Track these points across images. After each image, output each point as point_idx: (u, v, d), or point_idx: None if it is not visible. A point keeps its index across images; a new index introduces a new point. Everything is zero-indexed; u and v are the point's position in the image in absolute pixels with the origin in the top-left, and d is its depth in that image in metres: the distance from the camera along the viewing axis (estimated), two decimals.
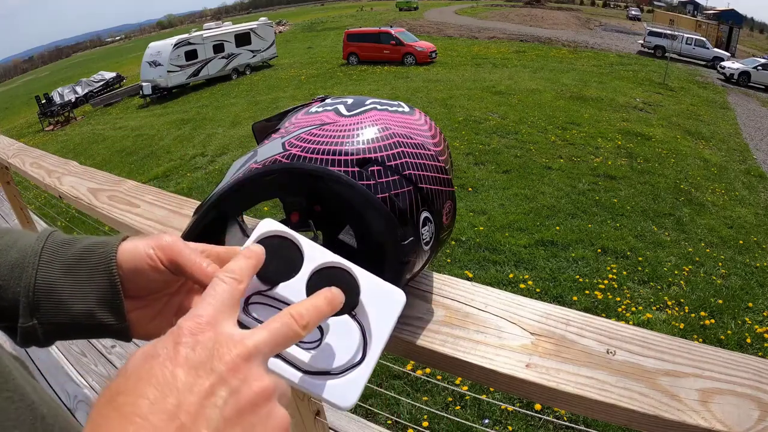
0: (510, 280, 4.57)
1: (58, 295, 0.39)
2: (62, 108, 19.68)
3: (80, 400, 1.86)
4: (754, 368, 0.45)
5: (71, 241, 0.42)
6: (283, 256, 0.39)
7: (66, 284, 0.39)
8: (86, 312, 0.39)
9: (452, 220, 0.54)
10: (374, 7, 60.44)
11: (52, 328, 0.39)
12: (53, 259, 0.40)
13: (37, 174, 1.27)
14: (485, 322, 0.54)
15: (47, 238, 0.41)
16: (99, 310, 0.39)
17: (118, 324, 0.40)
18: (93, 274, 0.39)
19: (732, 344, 3.87)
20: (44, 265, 0.39)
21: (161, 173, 8.95)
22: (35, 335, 0.39)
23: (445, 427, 2.82)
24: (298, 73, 19.38)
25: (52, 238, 0.42)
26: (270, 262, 0.39)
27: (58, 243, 0.41)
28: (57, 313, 0.39)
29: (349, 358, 0.37)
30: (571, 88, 13.26)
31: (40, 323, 0.38)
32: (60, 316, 0.39)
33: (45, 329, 0.39)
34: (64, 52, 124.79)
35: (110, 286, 0.39)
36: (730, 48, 27.75)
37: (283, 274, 0.39)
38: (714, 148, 9.65)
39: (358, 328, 0.38)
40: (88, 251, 0.40)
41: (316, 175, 0.46)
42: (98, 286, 0.39)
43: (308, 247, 0.40)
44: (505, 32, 28.24)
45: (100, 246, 0.41)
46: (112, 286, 0.39)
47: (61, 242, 0.41)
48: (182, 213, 0.84)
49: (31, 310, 0.38)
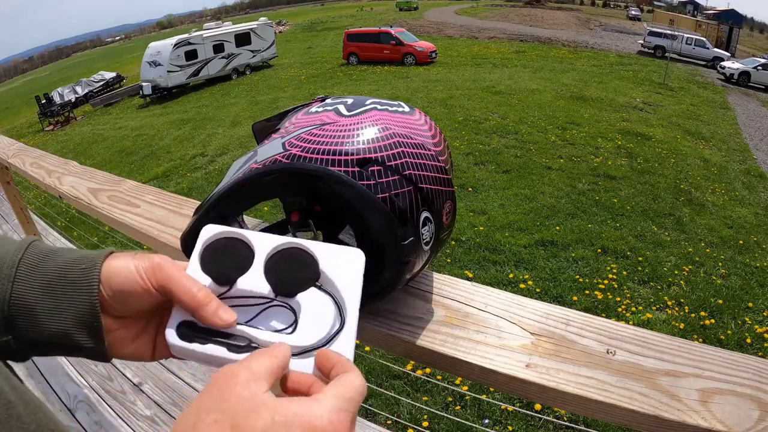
0: (510, 280, 4.57)
1: (34, 312, 0.37)
2: (62, 108, 19.69)
3: (80, 400, 1.86)
4: (754, 368, 0.45)
5: (52, 254, 0.39)
6: (233, 254, 0.40)
7: (43, 301, 0.37)
8: (63, 332, 0.37)
9: (452, 220, 0.54)
10: (374, 7, 60.44)
11: (27, 345, 0.37)
12: (31, 273, 0.38)
13: (37, 174, 1.27)
14: (485, 322, 0.54)
15: (26, 248, 0.39)
16: (76, 331, 0.37)
17: (95, 347, 0.38)
18: (72, 293, 0.37)
19: (732, 344, 3.87)
20: (21, 279, 0.37)
21: (161, 173, 8.95)
22: (10, 350, 0.37)
23: (445, 427, 2.82)
24: (298, 73, 19.38)
25: (32, 249, 0.39)
26: (221, 263, 0.40)
27: (37, 255, 0.39)
28: (32, 330, 0.37)
29: (329, 328, 0.37)
30: (571, 88, 13.26)
31: (15, 339, 0.37)
32: (35, 333, 0.37)
33: (19, 345, 0.37)
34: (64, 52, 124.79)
35: (89, 307, 0.37)
36: (730, 48, 27.75)
37: (238, 269, 0.39)
38: (714, 148, 9.65)
39: (329, 298, 0.38)
40: (69, 267, 0.38)
41: (316, 175, 0.46)
42: (77, 306, 0.37)
43: (254, 238, 0.40)
44: (505, 32, 28.24)
45: (81, 262, 0.39)
46: (91, 307, 0.37)
47: (41, 254, 0.39)
48: (182, 213, 0.84)
49: (6, 325, 0.36)
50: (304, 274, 0.39)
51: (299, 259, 0.39)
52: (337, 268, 0.39)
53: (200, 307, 0.37)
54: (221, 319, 0.37)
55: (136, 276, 0.38)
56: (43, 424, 0.35)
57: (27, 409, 0.34)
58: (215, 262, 0.40)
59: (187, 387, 1.92)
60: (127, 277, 0.38)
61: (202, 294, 0.37)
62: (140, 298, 0.38)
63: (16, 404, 0.34)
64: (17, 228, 3.19)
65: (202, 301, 0.37)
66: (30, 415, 0.34)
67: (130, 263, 0.39)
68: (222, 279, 0.39)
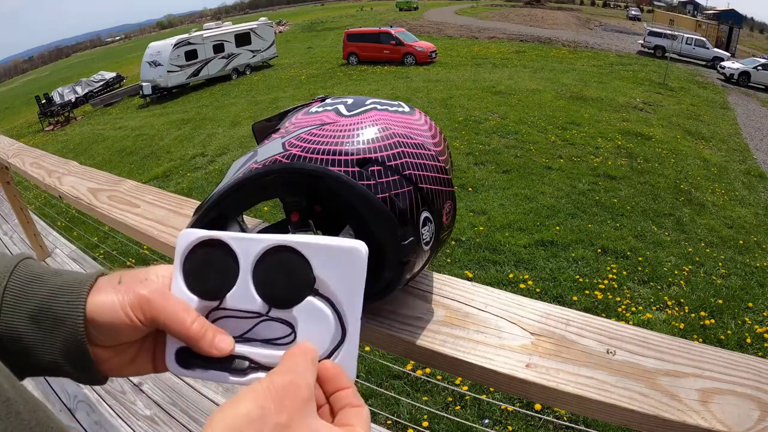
0: (510, 280, 4.57)
1: (23, 343, 0.36)
2: (62, 108, 19.69)
3: (80, 400, 1.86)
4: (754, 368, 0.45)
5: (39, 279, 0.38)
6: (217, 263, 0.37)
7: (31, 332, 0.36)
8: (53, 363, 0.37)
9: (452, 220, 0.54)
10: (374, 7, 60.45)
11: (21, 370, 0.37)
12: (17, 304, 0.37)
13: (37, 174, 1.27)
14: (485, 322, 0.54)
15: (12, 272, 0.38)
16: (65, 363, 0.37)
17: (86, 376, 0.38)
18: (58, 327, 0.37)
19: (732, 344, 3.87)
20: (8, 309, 0.36)
21: (161, 173, 8.95)
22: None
23: (445, 427, 2.82)
24: (298, 73, 19.38)
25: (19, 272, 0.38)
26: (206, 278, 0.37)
27: (24, 280, 0.38)
28: (24, 359, 0.37)
29: (330, 340, 0.35)
30: (571, 88, 13.26)
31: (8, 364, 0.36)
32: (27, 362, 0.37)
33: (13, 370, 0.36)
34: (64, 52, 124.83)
35: (76, 343, 0.36)
36: (730, 48, 27.74)
37: (225, 282, 0.36)
38: (714, 148, 9.65)
39: (327, 305, 0.35)
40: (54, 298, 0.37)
41: (316, 175, 0.46)
42: (65, 339, 0.36)
43: (237, 241, 0.36)
44: (505, 32, 28.24)
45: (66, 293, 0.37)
46: (78, 344, 0.36)
47: (28, 278, 0.38)
48: (182, 213, 0.84)
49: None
50: (297, 281, 0.35)
51: (290, 264, 0.35)
52: (335, 268, 0.35)
53: (196, 340, 0.36)
54: (218, 349, 0.36)
55: (121, 314, 0.37)
56: (43, 422, 0.35)
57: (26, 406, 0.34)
58: (199, 276, 0.37)
59: (187, 387, 1.92)
60: (111, 315, 0.37)
61: (197, 326, 0.36)
62: (128, 333, 0.37)
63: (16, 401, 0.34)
64: (17, 228, 3.19)
65: (197, 334, 0.36)
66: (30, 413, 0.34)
67: (114, 299, 0.37)
68: (209, 295, 0.37)
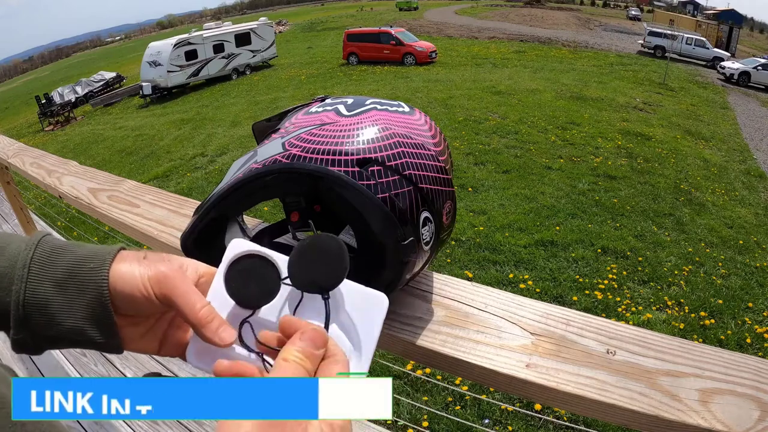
0: (510, 280, 4.57)
1: (48, 309, 0.38)
2: (62, 108, 19.70)
3: None
4: (754, 368, 0.45)
5: (62, 249, 0.40)
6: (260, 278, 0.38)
7: (56, 300, 0.38)
8: (77, 328, 0.38)
9: (452, 220, 0.54)
10: (374, 7, 60.42)
11: (43, 340, 0.38)
12: (43, 272, 0.38)
13: (37, 174, 1.27)
14: (485, 322, 0.54)
15: (36, 246, 0.39)
16: (89, 327, 0.38)
17: (108, 341, 0.39)
18: (83, 292, 0.38)
19: (732, 344, 3.87)
20: (33, 278, 0.38)
21: (161, 173, 8.95)
22: (27, 345, 0.38)
23: (445, 427, 2.82)
24: (298, 73, 19.38)
25: (42, 245, 0.40)
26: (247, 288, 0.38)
27: (48, 252, 0.39)
28: (48, 326, 0.38)
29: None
30: (571, 88, 13.25)
31: (31, 335, 0.38)
32: (51, 330, 0.38)
33: (36, 341, 0.38)
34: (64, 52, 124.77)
35: (101, 306, 0.38)
36: (730, 48, 27.73)
37: (263, 296, 0.38)
38: (714, 148, 9.66)
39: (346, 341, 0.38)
40: (79, 265, 0.39)
41: (316, 175, 0.46)
42: (89, 304, 0.38)
43: (283, 264, 0.39)
44: (505, 32, 28.23)
45: (90, 260, 0.39)
46: (102, 307, 0.38)
47: (51, 250, 0.40)
48: (182, 213, 0.84)
49: (21, 322, 0.37)
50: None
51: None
52: (360, 311, 0.38)
53: (201, 325, 0.37)
54: (220, 339, 0.37)
55: (139, 284, 0.38)
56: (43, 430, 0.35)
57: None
58: (241, 284, 0.38)
59: None
60: (131, 284, 0.38)
61: (204, 312, 0.37)
62: (144, 305, 0.39)
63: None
64: (17, 228, 3.19)
65: (204, 319, 0.37)
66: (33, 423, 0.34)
67: (136, 269, 0.39)
68: (245, 304, 0.38)
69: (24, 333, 0.37)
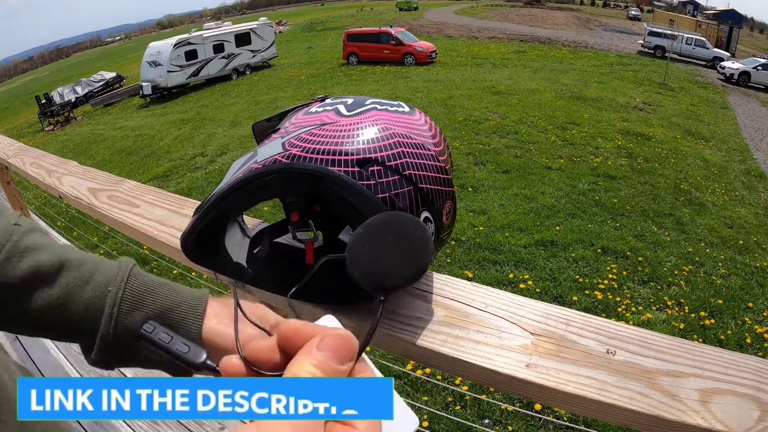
0: (510, 280, 4.57)
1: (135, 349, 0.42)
2: (62, 108, 19.70)
3: None
4: (754, 368, 0.45)
5: (152, 289, 0.43)
6: None
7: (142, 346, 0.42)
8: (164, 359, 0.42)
9: (452, 220, 0.54)
10: (374, 7, 60.41)
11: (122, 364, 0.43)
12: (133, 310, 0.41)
13: (37, 174, 1.27)
14: (485, 322, 0.54)
15: (126, 282, 0.42)
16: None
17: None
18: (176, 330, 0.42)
19: (732, 344, 3.87)
20: (123, 317, 0.41)
21: (161, 173, 8.95)
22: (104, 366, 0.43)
23: (445, 427, 2.82)
24: (298, 73, 19.38)
25: (132, 282, 0.42)
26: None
27: (137, 291, 0.42)
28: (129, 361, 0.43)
29: None
30: (571, 88, 13.25)
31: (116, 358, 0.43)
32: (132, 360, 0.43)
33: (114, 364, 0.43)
34: (64, 52, 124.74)
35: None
36: (730, 48, 27.72)
37: None
38: (714, 148, 9.65)
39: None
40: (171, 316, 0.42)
41: (316, 176, 0.45)
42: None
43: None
44: (505, 32, 28.23)
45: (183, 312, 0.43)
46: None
47: (141, 289, 0.42)
48: (182, 213, 0.84)
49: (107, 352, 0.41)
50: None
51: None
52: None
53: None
54: None
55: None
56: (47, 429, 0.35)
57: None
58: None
59: None
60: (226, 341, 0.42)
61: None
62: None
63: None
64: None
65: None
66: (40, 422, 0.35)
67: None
68: None
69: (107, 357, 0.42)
